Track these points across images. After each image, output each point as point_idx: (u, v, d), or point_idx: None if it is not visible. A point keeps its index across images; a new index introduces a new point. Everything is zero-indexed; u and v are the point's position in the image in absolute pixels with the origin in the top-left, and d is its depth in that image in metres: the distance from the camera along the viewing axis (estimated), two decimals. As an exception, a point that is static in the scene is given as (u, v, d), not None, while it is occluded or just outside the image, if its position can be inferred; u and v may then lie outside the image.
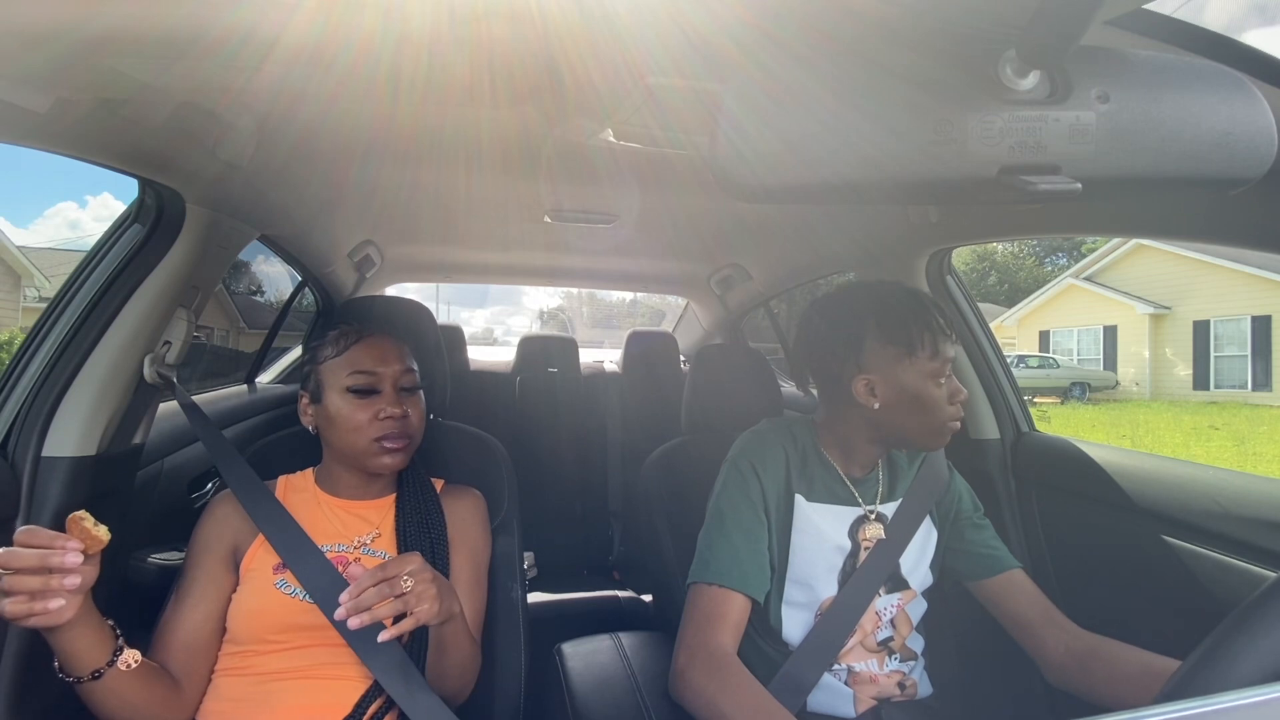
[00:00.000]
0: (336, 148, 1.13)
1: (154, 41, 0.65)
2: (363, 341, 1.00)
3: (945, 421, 0.93)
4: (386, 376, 0.99)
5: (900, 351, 0.92)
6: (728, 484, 0.99)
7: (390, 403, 0.97)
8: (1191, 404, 13.67)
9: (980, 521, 1.05)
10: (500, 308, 64.57)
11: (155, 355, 1.02)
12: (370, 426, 0.96)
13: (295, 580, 0.89)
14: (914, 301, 0.96)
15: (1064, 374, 15.86)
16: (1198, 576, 0.98)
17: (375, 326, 1.04)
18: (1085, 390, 15.57)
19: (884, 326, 0.93)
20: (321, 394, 0.99)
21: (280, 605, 0.89)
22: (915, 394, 0.92)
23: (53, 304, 1.00)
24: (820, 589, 0.96)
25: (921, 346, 0.92)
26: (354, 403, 0.96)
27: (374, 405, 0.97)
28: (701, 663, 0.86)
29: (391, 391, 0.99)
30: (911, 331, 0.92)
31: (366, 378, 0.98)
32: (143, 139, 0.87)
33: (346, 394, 0.97)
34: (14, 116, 0.71)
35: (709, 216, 1.64)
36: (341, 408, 0.96)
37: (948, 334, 0.94)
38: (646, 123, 0.92)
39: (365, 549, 0.96)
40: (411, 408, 1.00)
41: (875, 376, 0.93)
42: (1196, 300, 14.41)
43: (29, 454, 0.90)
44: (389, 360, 0.99)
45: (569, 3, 0.58)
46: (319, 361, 1.00)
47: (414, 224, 1.81)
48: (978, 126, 0.45)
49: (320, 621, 0.87)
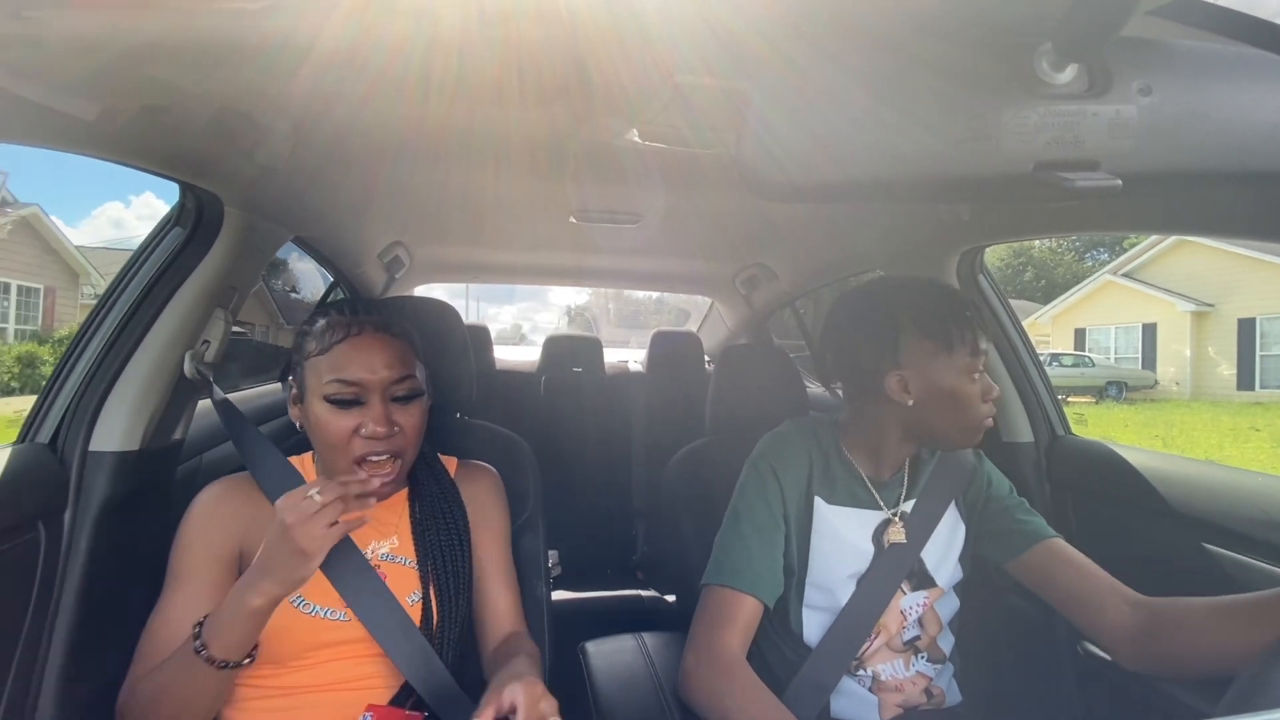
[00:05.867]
0: (368, 150, 1.15)
1: (194, 49, 0.67)
2: (349, 340, 0.84)
3: (979, 420, 0.91)
4: (373, 386, 0.84)
5: (938, 347, 0.90)
6: (747, 486, 0.99)
7: (375, 418, 0.83)
8: (1234, 404, 13.20)
9: (1011, 500, 1.00)
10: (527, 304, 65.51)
11: (195, 353, 1.05)
12: (352, 443, 0.83)
13: (315, 596, 0.83)
14: (949, 296, 0.94)
15: (1099, 373, 15.45)
16: (1241, 586, 0.94)
17: (370, 320, 0.88)
18: (1122, 390, 15.16)
19: (920, 322, 0.91)
20: (304, 394, 0.86)
21: (301, 626, 0.83)
22: (950, 391, 0.90)
23: (99, 305, 1.04)
24: (840, 593, 0.94)
25: (962, 342, 0.90)
26: (333, 412, 0.83)
27: (356, 418, 0.83)
28: (708, 665, 0.86)
29: (379, 403, 0.84)
30: (950, 327, 0.90)
31: (348, 388, 0.83)
32: (183, 144, 0.89)
33: (325, 402, 0.83)
34: (64, 125, 0.74)
35: (734, 216, 1.63)
36: (320, 415, 0.83)
37: (982, 329, 0.92)
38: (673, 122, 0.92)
39: (387, 556, 0.89)
40: (405, 418, 0.86)
41: (910, 373, 0.91)
42: (1242, 297, 13.89)
43: (77, 448, 0.94)
44: (377, 366, 0.84)
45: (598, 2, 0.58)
46: (303, 355, 0.86)
47: (442, 225, 1.84)
48: (1013, 121, 0.44)
49: (345, 636, 0.83)
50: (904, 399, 0.91)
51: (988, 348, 0.92)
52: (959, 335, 0.90)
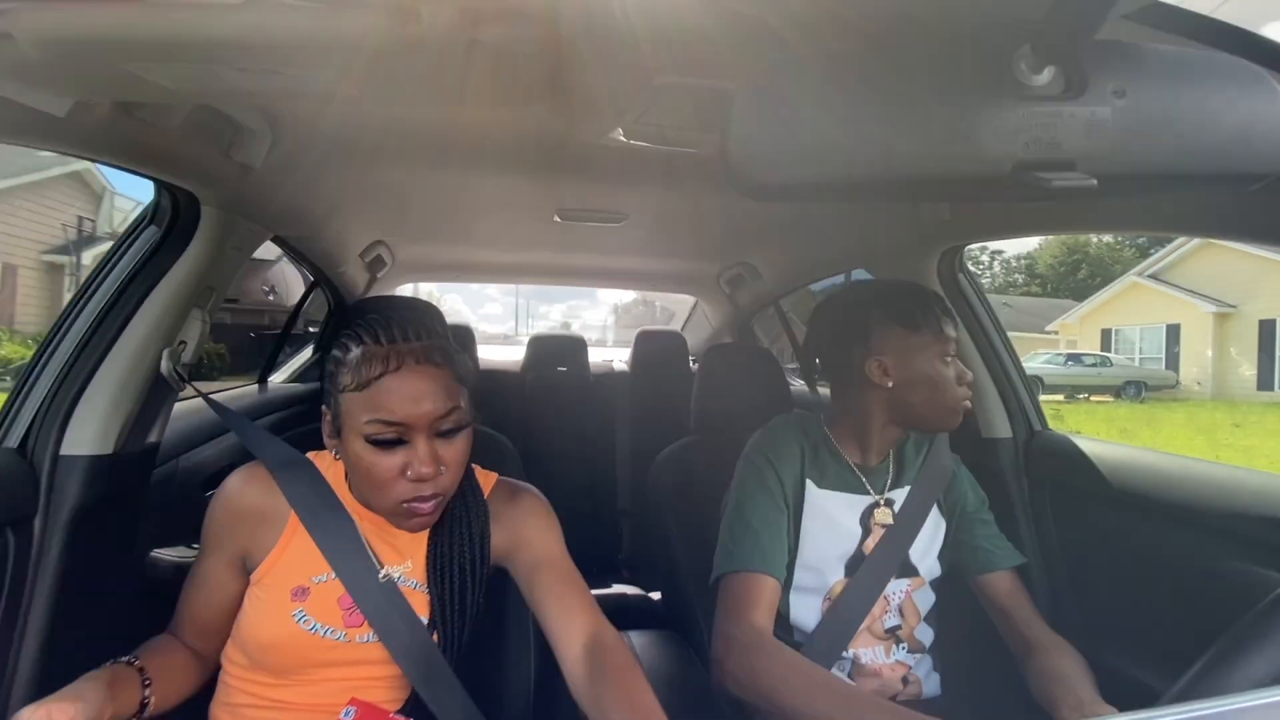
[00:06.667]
0: (348, 149, 1.13)
1: (170, 45, 0.66)
2: (390, 376, 0.75)
3: (957, 401, 0.98)
4: (419, 424, 0.75)
5: (905, 330, 0.98)
6: (745, 478, 1.02)
7: (422, 459, 0.75)
8: (1256, 404, 13.36)
9: (985, 517, 1.07)
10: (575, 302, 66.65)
11: (172, 353, 1.04)
12: (396, 484, 0.76)
13: (316, 612, 0.79)
14: (914, 288, 1.04)
15: (1117, 372, 15.66)
16: (1213, 578, 0.97)
17: (411, 352, 0.77)
18: (1141, 389, 15.29)
19: (887, 310, 1.00)
20: (341, 428, 0.79)
21: (300, 642, 0.78)
22: (925, 372, 0.97)
23: (70, 305, 1.02)
24: (829, 575, 0.98)
25: (925, 324, 0.98)
26: (375, 452, 0.76)
27: (402, 458, 0.76)
28: (741, 648, 0.87)
29: (424, 442, 0.76)
30: (913, 311, 0.99)
31: (390, 428, 0.75)
32: (159, 142, 0.88)
33: (365, 442, 0.76)
34: (34, 120, 0.72)
35: (719, 215, 1.64)
36: (362, 456, 0.76)
37: (948, 315, 1.00)
38: (657, 121, 0.92)
39: (400, 579, 0.83)
40: (450, 452, 0.78)
41: (887, 358, 0.98)
42: (1264, 299, 14.15)
43: (47, 453, 0.92)
44: (423, 399, 0.75)
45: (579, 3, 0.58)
46: (338, 388, 0.78)
47: (425, 224, 1.82)
48: (992, 123, 0.45)
49: (344, 658, 0.79)
50: (884, 381, 0.98)
51: (955, 334, 1.00)
52: (922, 318, 0.98)
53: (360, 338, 0.78)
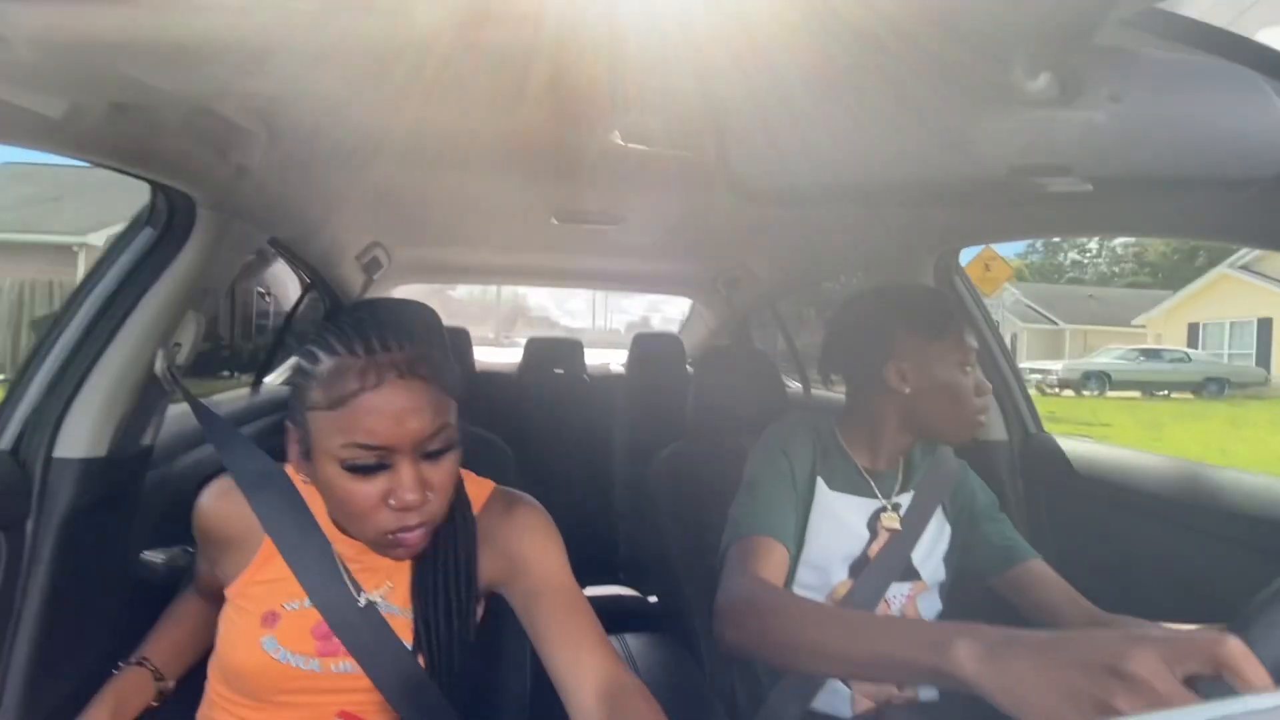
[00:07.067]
0: (345, 150, 1.13)
1: (167, 47, 0.66)
2: (369, 394, 0.64)
3: (973, 412, 0.98)
4: (403, 446, 0.65)
5: (927, 337, 0.98)
6: (758, 461, 1.02)
7: (407, 484, 0.65)
8: None
9: (997, 516, 1.07)
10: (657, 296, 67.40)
11: (166, 356, 1.03)
12: (377, 514, 0.66)
13: (287, 641, 0.72)
14: (937, 296, 1.07)
15: (1197, 369, 14.68)
16: (1209, 579, 0.97)
17: (392, 364, 0.66)
18: (1224, 386, 14.32)
19: (911, 316, 1.00)
20: (311, 450, 0.68)
21: (271, 671, 0.72)
22: (944, 381, 0.97)
23: (64, 307, 1.01)
24: (833, 575, 0.98)
25: (948, 333, 0.98)
26: (353, 480, 0.66)
27: (384, 484, 0.66)
28: (744, 599, 0.82)
29: (409, 466, 0.66)
30: (937, 319, 0.99)
31: (373, 453, 0.65)
32: (155, 143, 0.87)
33: (341, 468, 0.65)
34: (28, 121, 0.71)
35: (716, 218, 1.64)
36: (336, 483, 0.66)
37: (970, 324, 1.03)
38: (655, 125, 0.92)
39: (381, 604, 0.75)
40: (438, 475, 0.68)
41: (907, 364, 0.98)
42: None
43: (40, 455, 0.91)
44: (408, 418, 0.65)
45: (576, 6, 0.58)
46: (306, 405, 0.67)
47: (421, 226, 1.82)
48: (988, 128, 0.45)
49: (316, 686, 0.72)
50: (902, 388, 0.98)
51: (975, 344, 1.00)
52: (944, 326, 0.98)
53: (332, 347, 0.66)
